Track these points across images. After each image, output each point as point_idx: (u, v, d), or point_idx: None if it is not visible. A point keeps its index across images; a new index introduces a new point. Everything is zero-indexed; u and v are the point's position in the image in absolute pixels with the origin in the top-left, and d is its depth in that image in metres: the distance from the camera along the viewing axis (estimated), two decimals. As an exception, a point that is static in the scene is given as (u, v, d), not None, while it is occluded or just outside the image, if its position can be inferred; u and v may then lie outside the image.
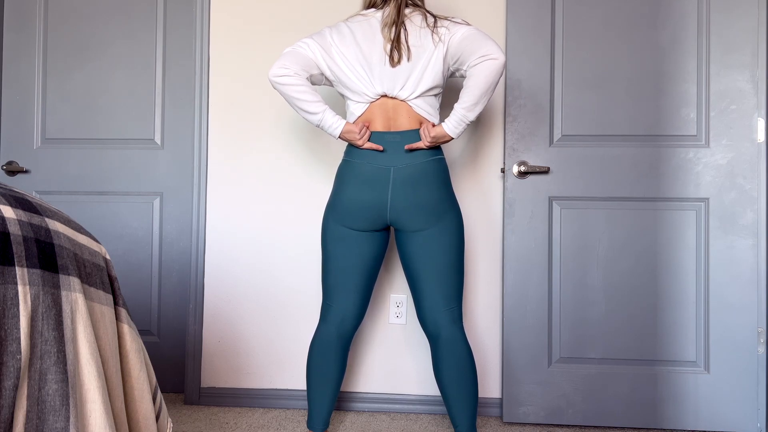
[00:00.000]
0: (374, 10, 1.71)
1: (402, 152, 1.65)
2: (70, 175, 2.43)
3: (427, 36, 1.64)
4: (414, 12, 1.68)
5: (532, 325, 2.08)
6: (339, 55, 1.66)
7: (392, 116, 1.68)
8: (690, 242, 2.04)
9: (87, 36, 2.42)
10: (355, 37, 1.66)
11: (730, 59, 2.03)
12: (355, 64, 1.65)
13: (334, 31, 1.69)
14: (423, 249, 1.68)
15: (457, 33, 1.62)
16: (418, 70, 1.63)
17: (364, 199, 1.66)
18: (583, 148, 2.07)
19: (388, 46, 1.64)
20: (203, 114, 2.27)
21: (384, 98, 1.67)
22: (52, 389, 0.86)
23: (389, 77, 1.64)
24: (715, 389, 2.01)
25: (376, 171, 1.65)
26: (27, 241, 0.87)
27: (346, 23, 1.70)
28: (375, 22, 1.68)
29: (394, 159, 1.65)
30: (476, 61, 1.56)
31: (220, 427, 2.02)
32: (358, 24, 1.69)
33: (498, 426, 2.08)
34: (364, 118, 1.69)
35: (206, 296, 2.27)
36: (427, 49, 1.63)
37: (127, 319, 1.08)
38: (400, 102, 1.67)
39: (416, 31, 1.64)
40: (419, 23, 1.65)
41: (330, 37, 1.68)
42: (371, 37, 1.66)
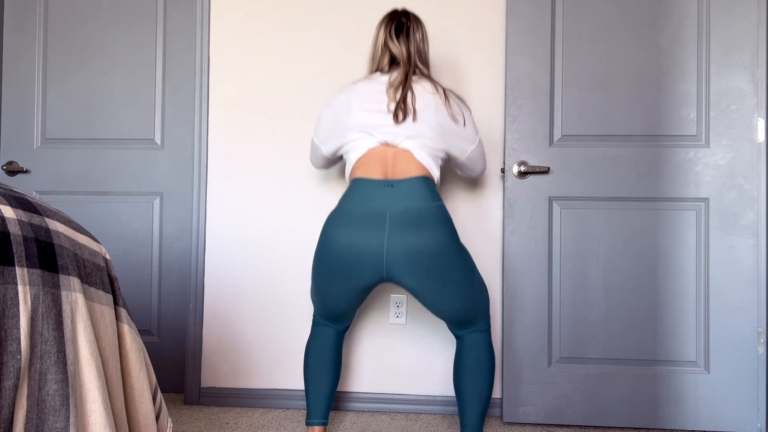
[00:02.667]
0: (380, 74, 1.72)
1: (399, 198, 1.59)
2: (70, 175, 2.43)
3: (439, 105, 1.64)
4: (422, 79, 1.69)
5: (532, 325, 2.08)
6: (343, 123, 1.68)
7: (391, 164, 1.65)
8: (690, 242, 2.04)
9: (87, 36, 2.42)
10: (358, 97, 1.67)
11: (730, 59, 2.03)
12: (359, 122, 1.65)
13: (337, 100, 1.71)
14: (435, 297, 1.61)
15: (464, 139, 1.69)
16: (426, 129, 1.63)
17: (356, 246, 1.57)
18: (583, 148, 2.07)
19: (392, 106, 1.63)
20: (203, 114, 2.27)
21: (384, 146, 1.65)
22: (52, 389, 0.86)
23: (392, 132, 1.63)
24: (715, 389, 2.01)
25: (370, 215, 1.58)
26: (27, 241, 0.87)
27: (350, 87, 1.72)
28: (379, 83, 1.69)
29: (390, 204, 1.58)
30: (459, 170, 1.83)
31: (220, 427, 2.02)
32: (362, 85, 1.70)
33: (498, 426, 2.08)
34: (361, 163, 1.66)
35: (206, 296, 2.27)
36: (433, 120, 1.63)
37: (127, 319, 1.08)
38: (401, 150, 1.64)
39: (424, 96, 1.64)
40: (429, 89, 1.66)
41: (333, 115, 1.71)
42: (374, 96, 1.66)
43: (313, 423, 1.78)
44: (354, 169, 1.68)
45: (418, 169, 1.63)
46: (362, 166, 1.66)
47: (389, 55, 1.72)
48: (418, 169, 1.63)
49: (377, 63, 1.74)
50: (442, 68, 2.21)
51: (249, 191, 2.27)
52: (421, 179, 1.62)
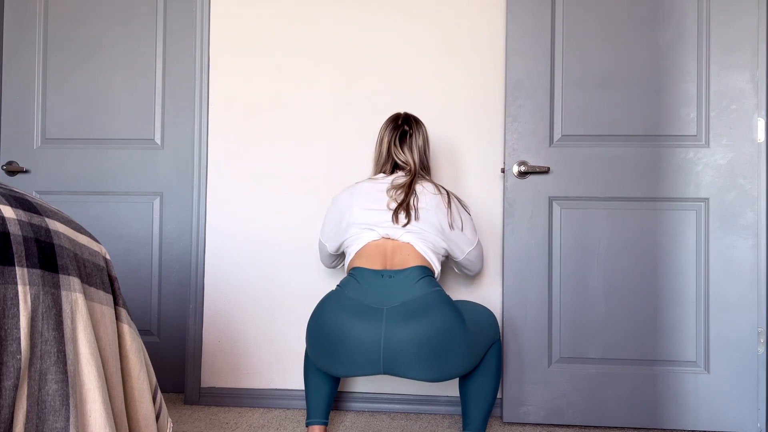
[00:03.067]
0: (383, 175, 1.83)
1: (397, 290, 1.59)
2: (70, 175, 2.43)
3: (440, 206, 1.71)
4: (425, 182, 1.78)
5: (532, 325, 2.08)
6: (346, 225, 1.74)
7: (390, 255, 1.68)
8: (690, 242, 2.04)
9: (87, 36, 2.42)
10: (361, 197, 1.75)
11: (730, 59, 2.03)
12: (361, 218, 1.71)
13: (341, 201, 1.79)
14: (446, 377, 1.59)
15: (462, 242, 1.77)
16: (427, 226, 1.69)
17: (353, 333, 1.53)
18: (583, 148, 2.07)
19: (392, 205, 1.70)
20: (203, 114, 2.27)
21: (385, 239, 1.70)
22: (52, 389, 0.86)
23: (392, 226, 1.69)
24: (715, 389, 2.01)
25: (367, 309, 1.56)
26: (27, 241, 0.87)
27: (354, 188, 1.79)
28: (383, 183, 1.77)
29: (387, 298, 1.58)
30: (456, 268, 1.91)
31: (220, 427, 2.02)
32: (366, 186, 1.78)
33: (498, 426, 2.08)
34: (360, 254, 1.70)
35: (206, 296, 2.27)
36: (435, 220, 1.70)
37: (127, 319, 1.08)
38: (401, 243, 1.69)
39: (425, 196, 1.72)
40: (431, 190, 1.74)
41: (337, 217, 1.78)
42: (377, 197, 1.74)
43: (313, 422, 1.79)
44: (353, 259, 1.72)
45: (417, 260, 1.67)
46: (361, 257, 1.69)
47: (392, 162, 1.83)
48: (417, 260, 1.67)
49: (381, 167, 1.85)
50: (442, 69, 2.21)
51: (249, 191, 2.27)
52: (419, 268, 1.64)
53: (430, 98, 2.21)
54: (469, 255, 1.81)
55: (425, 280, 1.62)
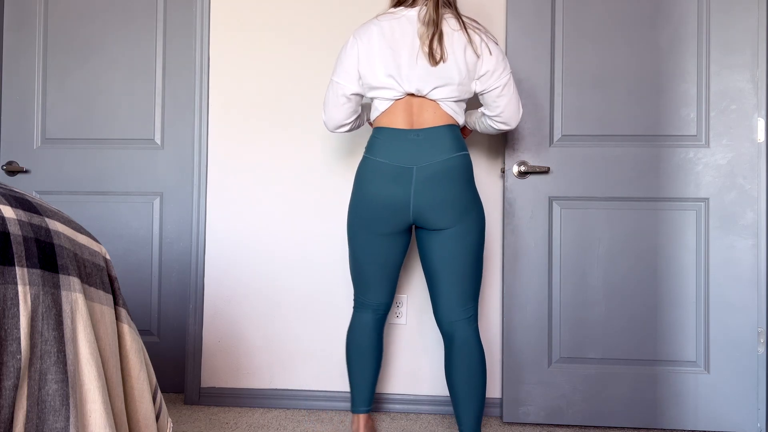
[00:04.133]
0: (403, 8, 1.67)
1: (425, 150, 1.62)
2: (70, 175, 2.43)
3: (462, 43, 1.61)
4: (448, 13, 1.65)
5: (532, 325, 2.08)
6: (367, 66, 1.64)
7: (417, 113, 1.65)
8: (690, 242, 2.04)
9: (87, 36, 2.42)
10: (384, 38, 1.63)
11: (730, 59, 2.03)
12: (385, 67, 1.62)
13: (361, 38, 1.66)
14: (445, 248, 1.66)
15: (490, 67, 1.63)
16: (452, 76, 1.61)
17: (386, 197, 1.64)
18: (583, 148, 2.07)
19: (426, 46, 1.59)
20: (203, 114, 2.27)
21: (410, 96, 1.65)
22: (52, 389, 0.86)
23: (419, 78, 1.61)
24: (715, 389, 2.01)
25: (397, 170, 1.62)
26: (27, 241, 0.87)
27: (374, 24, 1.66)
28: (405, 21, 1.64)
29: (416, 157, 1.62)
30: (494, 119, 1.71)
31: (220, 427, 2.02)
32: (388, 23, 1.65)
33: (498, 426, 2.08)
34: (387, 113, 1.67)
35: (206, 296, 2.27)
36: (461, 59, 1.61)
37: (127, 319, 1.08)
38: (427, 100, 1.65)
39: (451, 35, 1.62)
40: (454, 26, 1.62)
41: (357, 54, 1.66)
42: (401, 36, 1.63)
43: (358, 411, 1.81)
44: (379, 118, 1.69)
45: (443, 118, 1.65)
46: (388, 115, 1.67)
47: None
48: (443, 118, 1.65)
49: None
50: (442, 68, 2.21)
51: (249, 191, 2.27)
52: (445, 128, 1.64)
53: (430, 98, 2.21)
54: (505, 90, 1.65)
55: (452, 141, 1.64)
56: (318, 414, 2.17)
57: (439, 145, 1.62)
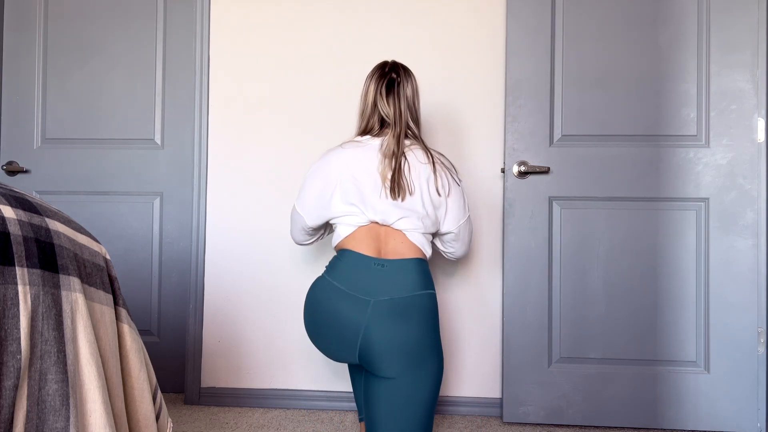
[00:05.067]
0: (369, 137, 1.65)
1: (387, 282, 1.49)
2: (70, 175, 2.43)
3: (431, 177, 1.57)
4: (414, 144, 1.62)
5: (532, 325, 2.08)
6: (328, 198, 1.59)
7: (383, 241, 1.57)
8: (690, 242, 2.04)
9: (87, 36, 2.42)
10: (348, 167, 1.58)
11: (730, 59, 2.03)
12: (346, 197, 1.56)
13: (323, 169, 1.61)
14: (391, 400, 1.46)
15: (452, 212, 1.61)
16: (417, 209, 1.55)
17: (336, 319, 1.50)
18: (583, 148, 2.07)
19: (387, 180, 1.54)
20: (203, 114, 2.27)
21: (374, 224, 1.57)
22: (52, 389, 0.86)
23: (384, 208, 1.54)
24: (715, 389, 2.01)
25: (353, 300, 1.49)
26: (27, 241, 0.87)
27: (337, 153, 1.62)
28: (370, 150, 1.60)
29: (376, 290, 1.48)
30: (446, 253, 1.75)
31: (220, 427, 2.02)
32: (352, 151, 1.61)
33: (498, 426, 2.08)
34: (352, 237, 1.57)
35: (206, 296, 2.27)
36: (426, 193, 1.56)
37: (127, 319, 1.08)
38: (393, 230, 1.56)
39: (416, 168, 1.57)
40: (422, 159, 1.59)
41: (319, 185, 1.61)
42: (365, 165, 1.57)
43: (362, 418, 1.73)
44: (342, 242, 1.60)
45: (410, 250, 1.55)
46: (352, 240, 1.57)
47: (379, 114, 1.65)
48: (410, 250, 1.55)
49: (366, 121, 1.67)
50: (442, 69, 2.21)
51: (249, 191, 2.27)
52: (413, 262, 1.54)
53: (429, 98, 2.21)
54: (460, 229, 1.64)
55: (419, 277, 1.53)
56: (318, 414, 2.17)
57: (405, 280, 1.50)
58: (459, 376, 2.20)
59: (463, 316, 2.21)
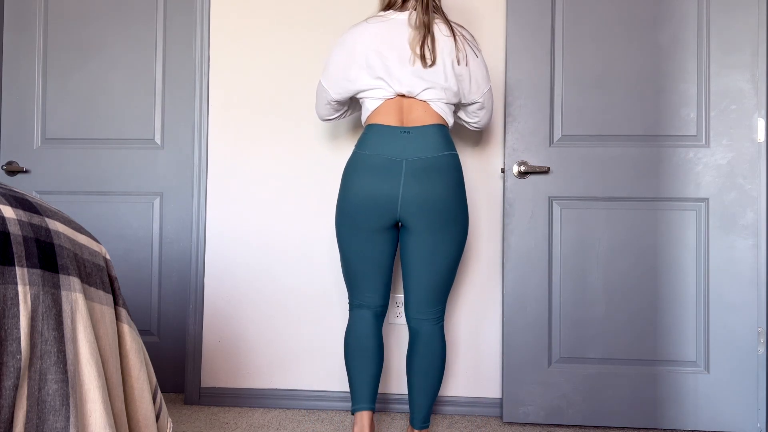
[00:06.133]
0: (392, 11, 1.69)
1: (415, 146, 1.62)
2: (70, 175, 2.43)
3: (450, 50, 1.63)
4: (437, 18, 1.67)
5: (532, 325, 2.08)
6: (355, 70, 1.66)
7: (407, 112, 1.66)
8: (690, 242, 2.04)
9: (87, 36, 2.42)
10: (373, 41, 1.64)
11: (730, 59, 2.03)
12: (373, 70, 1.64)
13: (348, 43, 1.67)
14: (426, 252, 1.66)
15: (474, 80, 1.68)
16: (440, 80, 1.63)
17: (373, 190, 1.62)
18: (583, 148, 2.07)
19: (418, 48, 1.61)
20: (203, 114, 2.27)
21: (400, 97, 1.66)
22: (52, 389, 0.86)
23: (409, 79, 1.62)
24: (715, 389, 2.01)
25: (387, 162, 1.62)
26: (27, 241, 0.87)
27: (363, 27, 1.67)
28: (395, 24, 1.66)
29: (406, 152, 1.62)
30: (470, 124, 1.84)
31: (220, 427, 2.02)
32: (376, 26, 1.66)
33: (498, 426, 2.08)
34: (378, 111, 1.67)
35: (206, 296, 2.27)
36: (449, 65, 1.63)
37: (127, 319, 1.08)
38: (418, 101, 1.66)
39: (441, 41, 1.64)
40: (445, 32, 1.65)
41: (344, 60, 1.67)
42: (390, 38, 1.64)
43: (360, 408, 1.70)
44: (370, 116, 1.69)
45: (432, 117, 1.66)
46: (378, 114, 1.67)
47: None
48: (432, 117, 1.66)
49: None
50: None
51: (249, 191, 2.27)
52: (435, 127, 1.65)
53: (430, 98, 2.21)
54: (483, 98, 1.72)
55: (442, 139, 1.65)
56: (318, 414, 2.17)
57: (430, 142, 1.63)
58: (459, 376, 2.20)
59: (463, 315, 2.21)
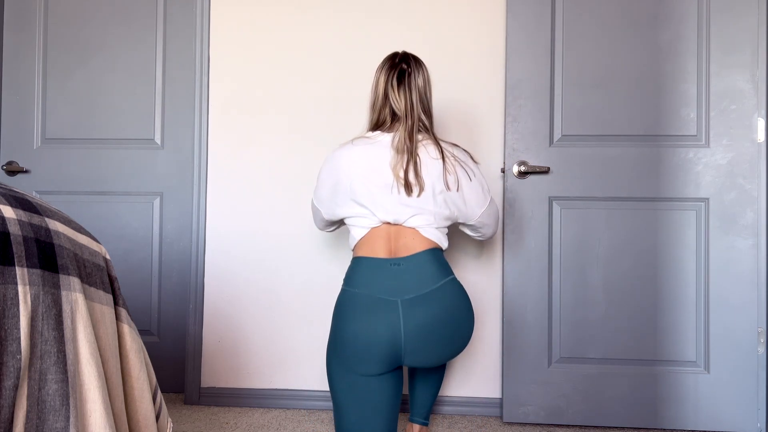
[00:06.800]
0: (380, 132, 1.61)
1: (407, 281, 1.48)
2: (70, 175, 2.43)
3: (439, 174, 1.53)
4: (425, 139, 1.57)
5: (532, 325, 2.08)
6: (339, 197, 1.59)
7: (394, 240, 1.55)
8: (690, 242, 2.04)
9: (87, 36, 2.42)
10: (357, 166, 1.55)
11: (730, 59, 2.03)
12: (356, 197, 1.55)
13: (333, 168, 1.60)
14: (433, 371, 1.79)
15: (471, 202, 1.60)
16: (431, 203, 1.53)
17: (371, 336, 1.45)
18: (583, 148, 2.07)
19: (401, 176, 1.51)
20: (203, 114, 2.27)
21: (386, 224, 1.55)
22: (52, 389, 0.86)
23: (394, 207, 1.52)
24: (715, 389, 2.01)
25: (380, 303, 1.47)
26: (27, 241, 0.87)
27: (348, 150, 1.59)
28: (380, 147, 1.56)
29: (399, 290, 1.47)
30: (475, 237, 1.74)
31: (220, 427, 2.02)
32: (362, 148, 1.57)
33: (498, 426, 2.07)
34: (364, 242, 1.56)
35: (206, 296, 2.27)
36: (438, 190, 1.54)
37: (127, 319, 1.08)
38: (405, 228, 1.54)
39: (428, 165, 1.53)
40: (434, 155, 1.55)
41: (331, 184, 1.60)
42: (375, 164, 1.54)
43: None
44: (356, 247, 1.59)
45: (423, 244, 1.54)
46: (365, 244, 1.56)
47: (390, 107, 1.60)
48: (423, 244, 1.54)
49: (378, 113, 1.63)
50: (442, 69, 2.21)
51: (249, 191, 2.27)
52: (427, 254, 1.52)
53: (430, 98, 2.21)
54: (482, 217, 1.63)
55: (436, 267, 1.52)
56: (318, 414, 2.17)
57: (423, 273, 1.49)
58: (459, 376, 2.20)
59: (463, 316, 2.21)
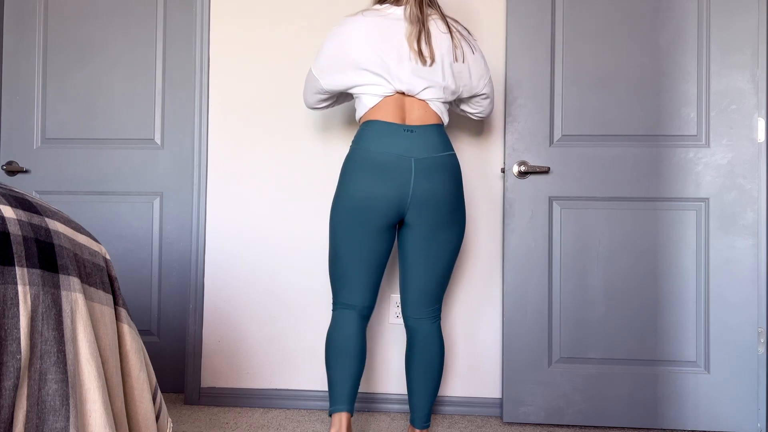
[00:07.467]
0: (388, 5, 1.66)
1: (420, 144, 1.60)
2: (70, 175, 2.43)
3: (447, 47, 1.62)
4: (434, 13, 1.65)
5: (532, 325, 2.08)
6: (352, 63, 1.61)
7: (408, 110, 1.64)
8: (690, 242, 2.04)
9: (87, 36, 2.42)
10: (371, 35, 1.59)
11: (730, 59, 2.03)
12: (372, 65, 1.59)
13: (343, 34, 1.63)
14: (427, 250, 1.66)
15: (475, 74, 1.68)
16: (438, 79, 1.61)
17: (383, 190, 1.58)
18: (583, 148, 2.07)
19: (414, 45, 1.59)
20: (203, 114, 2.27)
21: (399, 94, 1.64)
22: (52, 389, 0.86)
23: (409, 77, 1.59)
24: (715, 389, 2.01)
25: (395, 159, 1.59)
26: (27, 241, 0.87)
27: (359, 20, 1.62)
28: (392, 19, 1.62)
29: (413, 150, 1.59)
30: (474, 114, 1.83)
31: (220, 427, 2.02)
32: (373, 20, 1.62)
33: (498, 426, 2.08)
34: (377, 108, 1.63)
35: (206, 296, 2.27)
36: (447, 63, 1.62)
37: (127, 319, 1.08)
38: (417, 100, 1.64)
39: (438, 38, 1.62)
40: (442, 28, 1.63)
41: (340, 50, 1.63)
42: (388, 35, 1.60)
43: (339, 409, 1.62)
44: (369, 113, 1.65)
45: (432, 117, 1.65)
46: (379, 111, 1.63)
47: None
48: (432, 117, 1.65)
49: None
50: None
51: (249, 191, 2.27)
52: (436, 127, 1.65)
53: (430, 98, 2.21)
54: (486, 88, 1.73)
55: (443, 140, 1.65)
56: (318, 414, 2.17)
57: (432, 142, 1.62)
58: (459, 376, 2.20)
59: (463, 315, 2.21)
